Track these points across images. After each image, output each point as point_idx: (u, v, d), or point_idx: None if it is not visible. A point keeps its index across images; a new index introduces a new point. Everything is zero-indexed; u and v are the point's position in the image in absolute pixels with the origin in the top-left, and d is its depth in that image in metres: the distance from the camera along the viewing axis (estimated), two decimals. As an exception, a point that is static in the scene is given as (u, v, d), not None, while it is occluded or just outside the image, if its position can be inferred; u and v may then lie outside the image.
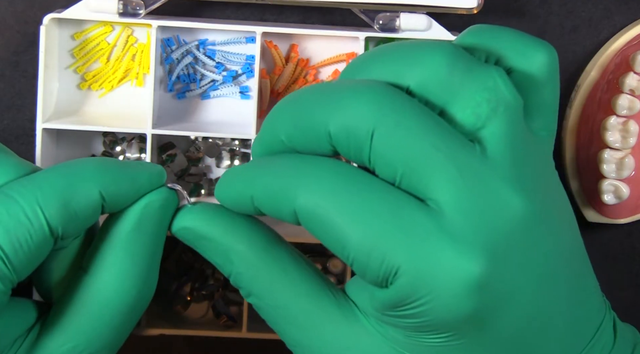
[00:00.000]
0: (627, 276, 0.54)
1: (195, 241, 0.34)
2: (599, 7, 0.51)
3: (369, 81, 0.30)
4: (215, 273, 0.53)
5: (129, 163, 0.34)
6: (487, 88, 0.30)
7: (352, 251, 0.30)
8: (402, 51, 0.31)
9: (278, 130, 0.32)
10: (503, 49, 0.32)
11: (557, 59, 0.33)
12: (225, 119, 0.51)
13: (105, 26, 0.50)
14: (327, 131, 0.30)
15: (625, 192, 0.50)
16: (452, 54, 0.30)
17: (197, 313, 0.53)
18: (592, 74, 0.50)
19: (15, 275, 0.31)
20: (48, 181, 0.32)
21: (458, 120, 0.30)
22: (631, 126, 0.49)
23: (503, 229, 0.29)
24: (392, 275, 0.29)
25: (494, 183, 0.30)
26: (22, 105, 0.50)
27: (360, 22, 0.49)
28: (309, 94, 0.31)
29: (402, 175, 0.30)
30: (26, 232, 0.31)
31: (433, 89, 0.30)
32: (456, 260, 0.29)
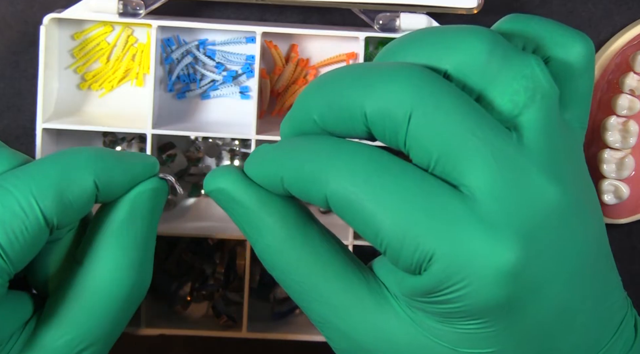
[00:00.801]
0: (627, 276, 0.54)
1: (227, 203, 0.33)
2: (599, 7, 0.51)
3: (406, 64, 0.30)
4: (215, 273, 0.53)
5: (123, 153, 0.34)
6: (525, 76, 0.30)
7: (385, 238, 0.29)
8: (440, 35, 0.31)
9: (311, 109, 0.31)
10: (541, 38, 0.32)
11: (594, 50, 0.32)
12: (225, 119, 0.51)
13: (105, 26, 0.50)
14: (363, 112, 0.30)
15: (625, 192, 0.50)
16: (491, 40, 0.30)
17: (197, 313, 0.53)
18: (592, 74, 0.50)
19: (11, 267, 0.31)
20: (42, 171, 0.32)
21: (495, 106, 0.30)
22: (631, 126, 0.49)
23: (538, 217, 0.29)
24: (426, 261, 0.29)
25: (529, 171, 0.29)
26: (22, 105, 0.50)
27: (360, 22, 0.49)
28: (345, 74, 0.31)
29: (438, 159, 0.29)
30: (21, 223, 0.31)
31: (471, 74, 0.30)
32: (491, 247, 0.28)
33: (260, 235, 0.33)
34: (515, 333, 0.30)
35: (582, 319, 0.31)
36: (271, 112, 0.51)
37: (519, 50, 0.30)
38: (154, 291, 0.51)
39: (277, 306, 0.53)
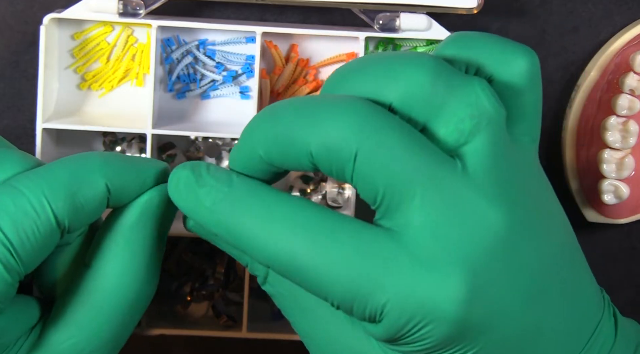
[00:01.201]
0: (627, 276, 0.54)
1: (208, 236, 0.34)
2: (599, 7, 0.51)
3: (350, 98, 0.30)
4: (215, 273, 0.53)
5: (134, 158, 0.34)
6: (469, 103, 0.30)
7: (335, 299, 0.30)
8: (383, 65, 0.31)
9: (256, 145, 0.31)
10: (483, 57, 0.32)
11: (538, 62, 0.32)
12: (225, 119, 0.51)
13: (105, 26, 0.50)
14: (309, 150, 0.30)
15: (625, 192, 0.50)
16: (434, 69, 0.30)
17: (197, 313, 0.53)
18: (592, 74, 0.50)
19: (22, 267, 0.31)
20: (54, 173, 0.32)
21: (441, 136, 0.30)
22: (631, 126, 0.49)
23: (483, 245, 0.29)
24: (379, 314, 0.30)
25: (473, 200, 0.29)
26: (22, 105, 0.50)
27: (360, 22, 0.49)
28: (289, 109, 0.31)
29: (383, 196, 0.30)
30: (33, 224, 0.31)
31: (415, 106, 0.30)
32: (436, 287, 0.29)
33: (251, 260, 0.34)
34: (491, 351, 0.30)
35: (552, 329, 0.31)
36: (271, 112, 0.51)
37: (462, 76, 0.30)
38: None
39: (277, 306, 0.53)
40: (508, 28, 0.51)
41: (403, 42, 0.50)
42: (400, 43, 0.50)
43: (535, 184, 0.32)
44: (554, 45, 0.51)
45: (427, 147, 0.30)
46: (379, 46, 0.50)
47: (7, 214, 0.31)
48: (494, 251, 0.29)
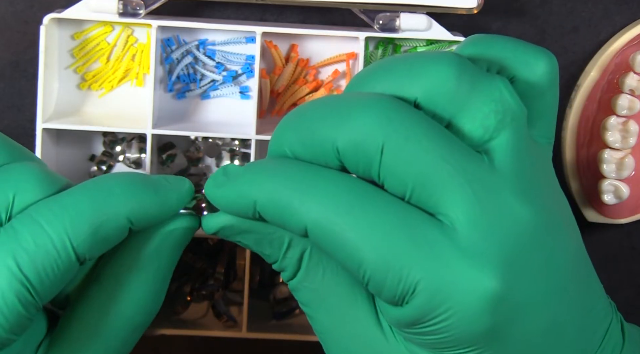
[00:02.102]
0: (627, 276, 0.54)
1: (237, 235, 0.33)
2: (599, 7, 0.51)
3: (376, 94, 0.30)
4: (215, 273, 0.53)
5: (159, 182, 0.34)
6: (494, 99, 0.30)
7: (368, 270, 0.29)
8: (407, 64, 0.31)
9: (283, 146, 0.31)
10: (504, 58, 0.32)
11: (557, 66, 0.33)
12: (225, 119, 0.51)
13: (105, 26, 0.50)
14: (335, 146, 0.30)
15: (625, 192, 0.50)
16: (459, 65, 0.30)
17: (197, 313, 0.53)
18: (592, 74, 0.50)
19: (39, 301, 0.31)
20: (77, 207, 0.31)
21: (466, 132, 0.30)
22: (631, 126, 0.49)
23: (514, 241, 0.29)
24: (410, 294, 0.29)
25: (503, 195, 0.30)
26: (22, 105, 0.50)
27: (360, 22, 0.49)
28: (315, 109, 0.31)
29: (413, 189, 0.29)
30: (53, 262, 0.31)
31: (440, 102, 0.30)
32: (473, 276, 0.29)
33: (280, 250, 0.33)
34: (512, 346, 0.30)
35: (569, 331, 0.31)
36: (271, 112, 0.51)
37: (486, 74, 0.31)
38: (154, 291, 0.51)
39: (277, 306, 0.53)
40: (508, 28, 0.51)
41: (403, 42, 0.50)
42: (400, 43, 0.50)
43: (551, 184, 0.32)
44: (554, 45, 0.51)
45: (455, 141, 0.30)
46: (379, 46, 0.50)
47: (26, 253, 0.31)
48: (524, 247, 0.30)
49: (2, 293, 0.30)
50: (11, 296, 0.30)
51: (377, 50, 0.50)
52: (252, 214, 0.31)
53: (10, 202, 0.32)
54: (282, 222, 0.30)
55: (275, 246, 0.33)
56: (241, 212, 0.31)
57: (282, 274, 0.34)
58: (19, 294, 0.30)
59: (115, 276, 0.34)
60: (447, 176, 0.29)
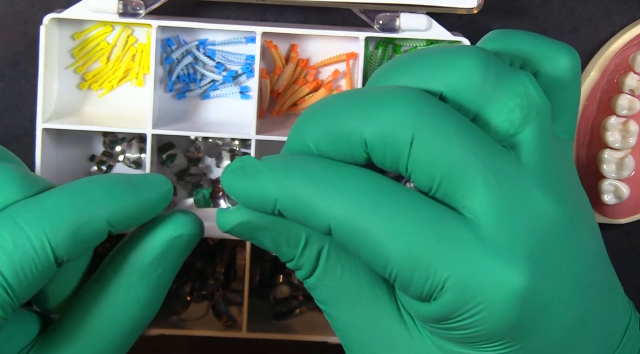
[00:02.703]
0: (627, 276, 0.54)
1: (253, 233, 0.32)
2: (599, 7, 0.51)
3: (402, 88, 0.30)
4: (215, 273, 0.53)
5: (139, 183, 0.34)
6: (519, 94, 0.30)
7: (395, 268, 0.29)
8: (433, 57, 0.31)
9: (306, 138, 0.31)
10: (527, 53, 0.32)
11: (579, 61, 0.33)
12: (225, 119, 0.51)
13: (105, 26, 0.50)
14: (363, 139, 0.29)
15: (625, 192, 0.50)
16: (484, 59, 0.30)
17: (197, 313, 0.53)
18: (592, 74, 0.50)
19: (16, 301, 0.31)
20: (57, 208, 0.32)
21: (492, 126, 0.30)
22: (631, 126, 0.49)
23: (541, 236, 0.29)
24: (438, 290, 0.29)
25: (529, 190, 0.29)
26: (22, 105, 0.50)
27: (360, 22, 0.49)
28: (340, 101, 0.30)
29: (440, 182, 0.29)
30: (31, 262, 0.31)
31: (466, 95, 0.30)
32: (501, 271, 0.28)
33: (297, 247, 0.32)
34: (532, 350, 0.30)
35: (591, 328, 0.31)
36: (271, 112, 0.51)
37: (510, 68, 0.30)
38: (154, 291, 0.51)
39: (277, 306, 0.53)
40: (508, 28, 0.51)
41: (403, 42, 0.50)
42: (400, 43, 0.50)
43: (575, 180, 0.32)
44: (554, 45, 0.51)
45: (482, 136, 0.29)
46: (379, 46, 0.50)
47: (5, 252, 0.31)
48: (551, 242, 0.29)
49: None
50: None
51: (377, 50, 0.50)
52: (272, 211, 0.31)
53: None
54: (304, 220, 0.30)
55: (292, 243, 0.32)
56: (261, 209, 0.31)
57: (297, 273, 0.33)
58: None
59: (117, 280, 0.34)
60: (475, 170, 0.29)
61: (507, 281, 0.28)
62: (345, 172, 0.30)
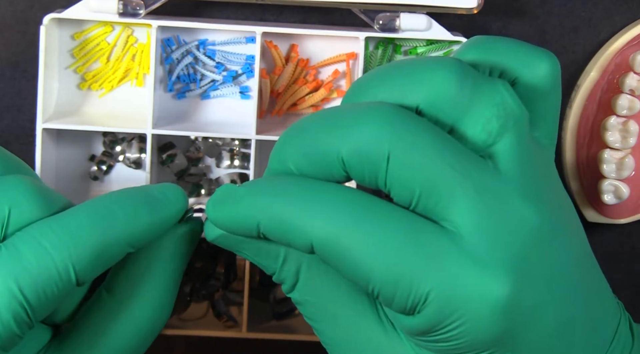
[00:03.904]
0: (627, 276, 0.54)
1: (236, 245, 0.33)
2: (599, 7, 0.51)
3: (378, 103, 0.30)
4: (215, 273, 0.53)
5: (157, 201, 0.33)
6: (495, 104, 0.30)
7: (377, 284, 0.29)
8: (406, 70, 0.31)
9: (286, 160, 0.31)
10: (506, 60, 0.32)
11: (559, 67, 0.32)
12: (225, 119, 0.51)
13: (105, 26, 0.50)
14: (340, 157, 0.30)
15: (625, 192, 0.50)
16: (460, 71, 0.30)
17: (197, 313, 0.53)
18: (592, 74, 0.50)
19: (34, 321, 0.31)
20: (81, 232, 0.31)
21: (469, 137, 0.30)
22: (631, 126, 0.49)
23: (523, 246, 0.29)
24: (421, 304, 0.29)
25: (509, 200, 0.29)
26: (22, 105, 0.50)
27: (360, 22, 0.49)
28: (316, 121, 0.30)
29: (420, 196, 0.29)
30: (54, 285, 0.31)
31: (443, 108, 0.30)
32: (483, 284, 0.29)
33: (277, 262, 0.33)
34: (525, 350, 0.30)
35: (580, 332, 0.31)
36: (271, 112, 0.51)
37: (486, 78, 0.30)
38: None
39: (277, 306, 0.53)
40: (508, 28, 0.51)
41: (403, 42, 0.50)
42: (400, 43, 0.50)
43: (556, 185, 0.32)
44: (554, 45, 0.51)
45: (459, 147, 0.30)
46: (379, 46, 0.50)
47: (29, 274, 0.30)
48: (533, 250, 0.30)
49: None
50: (7, 316, 0.30)
51: (377, 50, 0.50)
52: (256, 234, 0.31)
53: (6, 217, 0.32)
54: (287, 241, 0.30)
55: (271, 258, 0.33)
56: (246, 234, 0.31)
57: (282, 286, 0.34)
58: (16, 314, 0.30)
59: (130, 287, 0.34)
60: (454, 183, 0.29)
61: (489, 293, 0.29)
62: (325, 190, 0.30)
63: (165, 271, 0.34)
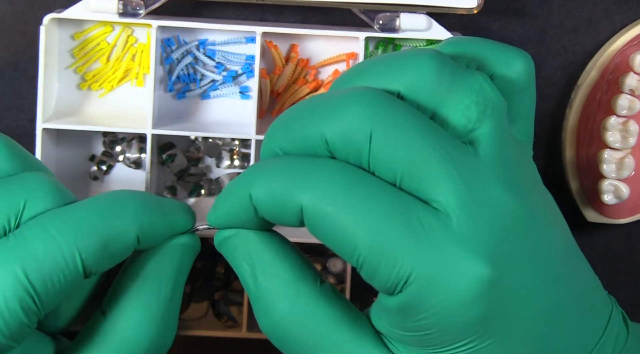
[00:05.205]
0: (627, 276, 0.54)
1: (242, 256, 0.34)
2: (599, 7, 0.51)
3: (360, 88, 0.31)
4: (215, 273, 0.53)
5: (167, 205, 0.34)
6: (474, 91, 0.31)
7: (362, 253, 0.29)
8: (388, 60, 0.32)
9: (274, 147, 0.32)
10: (483, 57, 0.33)
11: (533, 66, 0.33)
12: (225, 119, 0.51)
13: (105, 26, 0.50)
14: (324, 138, 0.30)
15: (625, 192, 0.50)
16: (438, 60, 0.31)
17: (197, 313, 0.53)
18: (592, 74, 0.50)
19: (42, 311, 0.31)
20: (89, 221, 0.32)
21: (449, 123, 0.31)
22: (631, 126, 0.49)
23: (502, 228, 0.30)
24: (403, 282, 0.29)
25: (488, 183, 0.30)
26: (22, 105, 0.50)
27: (360, 22, 0.49)
28: (301, 108, 0.31)
29: (402, 176, 0.30)
30: (60, 273, 0.31)
31: (423, 94, 0.31)
32: (466, 263, 0.29)
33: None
34: (507, 343, 0.30)
35: (570, 318, 0.32)
36: (271, 112, 0.51)
37: (465, 68, 0.31)
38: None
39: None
40: (508, 28, 0.51)
41: (403, 42, 0.50)
42: (400, 43, 0.50)
43: (535, 178, 0.33)
44: (554, 45, 0.51)
45: (440, 131, 0.30)
46: (379, 46, 0.50)
47: (35, 260, 0.30)
48: (512, 234, 0.30)
49: (5, 299, 0.30)
50: (14, 303, 0.30)
51: (377, 50, 0.50)
52: (250, 209, 0.31)
53: (21, 209, 0.32)
54: (278, 210, 0.31)
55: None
56: (238, 211, 0.32)
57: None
58: (22, 301, 0.30)
59: (116, 305, 0.34)
60: (435, 163, 0.29)
61: (472, 272, 0.29)
62: (317, 162, 0.30)
63: (159, 289, 0.34)
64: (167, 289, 0.34)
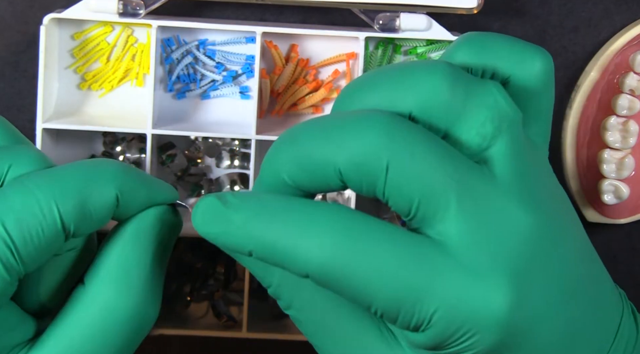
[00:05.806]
0: (627, 276, 0.54)
1: (230, 252, 0.32)
2: (599, 7, 0.51)
3: (372, 112, 0.29)
4: (215, 273, 0.53)
5: (148, 177, 0.34)
6: (488, 106, 0.30)
7: (380, 307, 0.29)
8: (397, 75, 0.30)
9: (280, 171, 0.30)
10: (498, 59, 0.32)
11: (552, 64, 0.32)
12: (225, 119, 0.51)
13: (105, 26, 0.50)
14: (337, 169, 0.29)
15: (625, 192, 0.50)
16: (450, 74, 0.30)
17: (197, 313, 0.53)
18: (592, 74, 0.50)
19: (22, 267, 0.31)
20: (68, 176, 0.32)
21: (463, 142, 0.30)
22: (631, 126, 0.49)
23: (521, 251, 0.29)
24: (426, 324, 0.29)
25: (504, 205, 0.29)
26: (22, 105, 0.50)
27: (360, 22, 0.49)
28: (310, 130, 0.30)
29: (419, 206, 0.29)
30: (38, 225, 0.31)
31: (436, 113, 0.30)
32: (485, 295, 0.28)
33: (273, 276, 0.32)
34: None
35: (584, 331, 0.31)
36: (271, 112, 0.51)
37: (478, 80, 0.30)
38: (154, 291, 0.51)
39: (277, 306, 0.53)
40: (508, 28, 0.51)
41: (403, 42, 0.50)
42: (400, 43, 0.50)
43: (552, 184, 0.32)
44: (554, 45, 0.51)
45: (456, 155, 0.29)
46: (379, 46, 0.50)
47: (12, 211, 0.31)
48: (530, 255, 0.29)
49: None
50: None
51: (377, 50, 0.50)
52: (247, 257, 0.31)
53: (5, 172, 0.32)
54: (282, 268, 0.30)
55: (268, 272, 0.32)
56: (237, 253, 0.31)
57: (278, 302, 0.33)
58: (2, 254, 0.30)
59: (95, 274, 0.33)
60: (449, 193, 0.29)
61: (492, 304, 0.29)
62: (318, 213, 0.29)
63: (138, 258, 0.33)
64: (147, 258, 0.33)
